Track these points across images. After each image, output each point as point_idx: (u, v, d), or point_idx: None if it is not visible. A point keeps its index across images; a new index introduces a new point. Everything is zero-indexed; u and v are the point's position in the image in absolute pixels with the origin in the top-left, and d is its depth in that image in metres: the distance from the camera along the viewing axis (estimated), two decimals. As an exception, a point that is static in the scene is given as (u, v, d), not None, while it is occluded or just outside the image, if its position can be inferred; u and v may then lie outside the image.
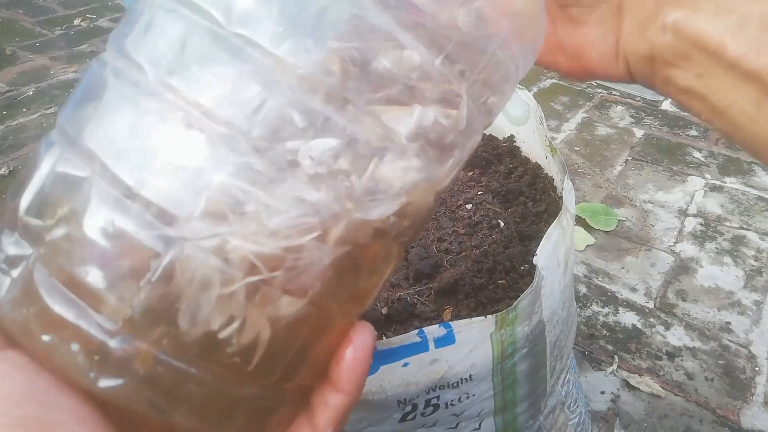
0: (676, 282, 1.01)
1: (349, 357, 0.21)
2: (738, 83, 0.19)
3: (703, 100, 0.20)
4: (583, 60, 0.24)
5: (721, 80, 0.19)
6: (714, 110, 0.20)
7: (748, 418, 0.79)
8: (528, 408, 0.49)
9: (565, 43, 0.24)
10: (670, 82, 0.21)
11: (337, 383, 0.21)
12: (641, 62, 0.22)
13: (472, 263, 0.52)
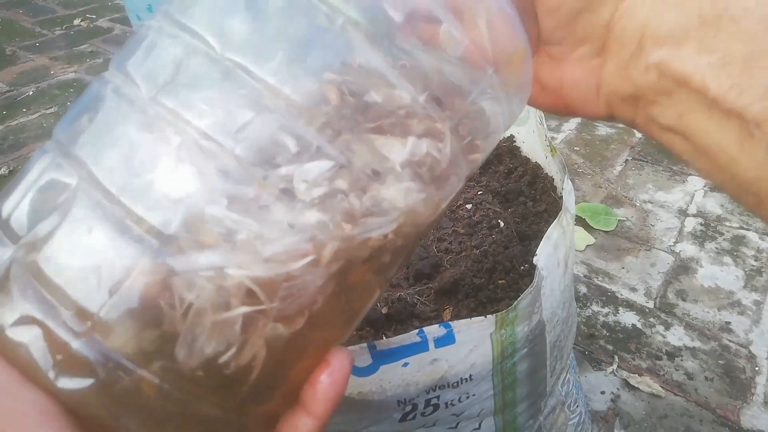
0: (676, 282, 1.01)
1: (325, 381, 0.21)
2: (720, 122, 0.19)
3: (684, 139, 0.20)
4: (563, 98, 0.24)
5: (703, 119, 0.19)
6: (696, 150, 0.20)
7: (748, 418, 0.79)
8: (528, 408, 0.49)
9: (546, 81, 0.24)
10: (652, 122, 0.21)
11: (310, 407, 0.21)
12: (624, 102, 0.22)
13: (472, 263, 0.52)
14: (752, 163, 0.18)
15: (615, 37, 0.21)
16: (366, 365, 0.37)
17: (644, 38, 0.20)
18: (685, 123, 0.20)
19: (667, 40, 0.19)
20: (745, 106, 0.18)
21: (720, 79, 0.18)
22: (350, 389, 0.38)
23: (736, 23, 0.18)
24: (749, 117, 0.18)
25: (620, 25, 0.21)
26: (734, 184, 0.20)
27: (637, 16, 0.20)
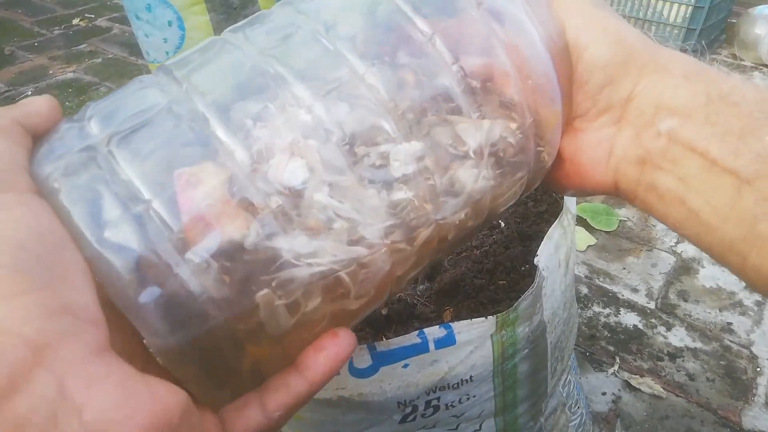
0: (678, 282, 1.00)
1: (331, 350, 0.22)
2: (716, 182, 0.22)
3: (681, 203, 0.23)
4: (574, 164, 0.27)
5: (701, 180, 0.22)
6: (689, 213, 0.23)
7: (749, 419, 0.79)
8: (529, 409, 0.49)
9: (563, 149, 0.28)
10: (652, 187, 0.24)
11: (307, 370, 0.22)
12: (631, 166, 0.25)
13: (473, 264, 0.51)
14: (739, 222, 0.21)
15: (633, 108, 0.25)
16: (366, 366, 0.37)
17: (658, 109, 0.24)
18: (683, 187, 0.23)
19: (678, 112, 0.23)
20: (740, 166, 0.21)
21: (721, 144, 0.22)
22: (350, 390, 0.38)
23: (736, 105, 0.22)
24: (743, 176, 0.21)
25: (639, 98, 0.24)
26: (721, 246, 0.22)
27: (654, 92, 0.24)
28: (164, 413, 0.17)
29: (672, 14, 1.63)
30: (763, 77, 1.73)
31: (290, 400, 0.22)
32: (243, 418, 0.21)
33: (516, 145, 0.24)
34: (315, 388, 0.22)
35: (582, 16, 0.26)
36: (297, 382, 0.22)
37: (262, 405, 0.22)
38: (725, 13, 1.82)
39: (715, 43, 1.87)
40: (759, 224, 0.21)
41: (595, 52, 0.25)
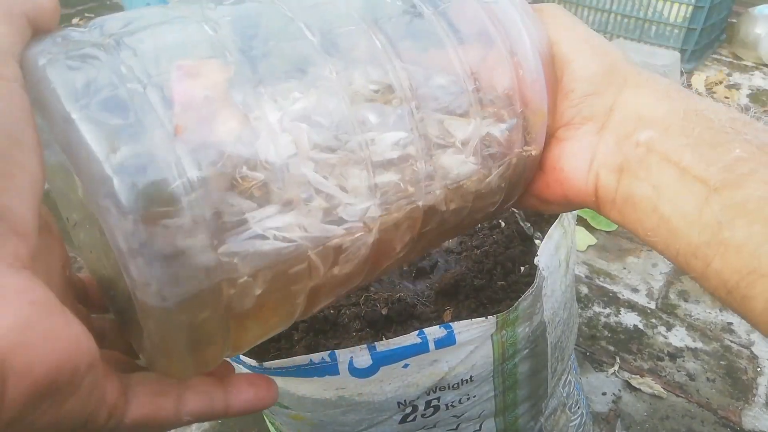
0: (678, 282, 1.00)
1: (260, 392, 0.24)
2: (686, 190, 0.23)
3: (653, 211, 0.24)
4: (556, 172, 0.28)
5: (673, 189, 0.24)
6: (660, 220, 0.24)
7: (749, 419, 0.79)
8: (529, 409, 0.49)
9: (545, 160, 0.29)
10: (629, 195, 0.25)
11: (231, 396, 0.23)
12: (611, 173, 0.26)
13: (473, 264, 0.51)
14: (705, 229, 0.23)
15: (615, 118, 0.26)
16: (366, 366, 0.37)
17: (638, 120, 0.25)
18: (656, 194, 0.24)
19: (656, 124, 0.25)
20: (710, 175, 0.23)
21: (693, 154, 0.23)
22: (350, 390, 0.38)
23: (710, 121, 0.24)
24: (711, 184, 0.22)
25: (620, 109, 0.26)
26: (686, 252, 0.24)
27: (635, 105, 0.26)
28: (73, 355, 0.15)
29: (672, 14, 1.63)
30: (763, 77, 1.72)
31: (204, 411, 0.22)
32: (152, 403, 0.20)
33: (503, 141, 0.26)
34: (227, 413, 0.23)
35: (568, 31, 0.28)
36: (218, 400, 0.22)
37: (178, 401, 0.21)
38: (726, 12, 1.82)
39: (715, 42, 1.87)
40: (723, 231, 0.22)
41: (582, 63, 0.27)
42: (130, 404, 0.19)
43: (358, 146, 0.22)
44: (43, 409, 0.15)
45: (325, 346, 0.45)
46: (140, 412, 0.20)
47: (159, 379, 0.21)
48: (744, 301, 0.22)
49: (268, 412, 0.49)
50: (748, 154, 0.23)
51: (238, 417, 0.77)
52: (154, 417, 0.20)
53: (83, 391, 0.16)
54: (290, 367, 0.37)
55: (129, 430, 0.20)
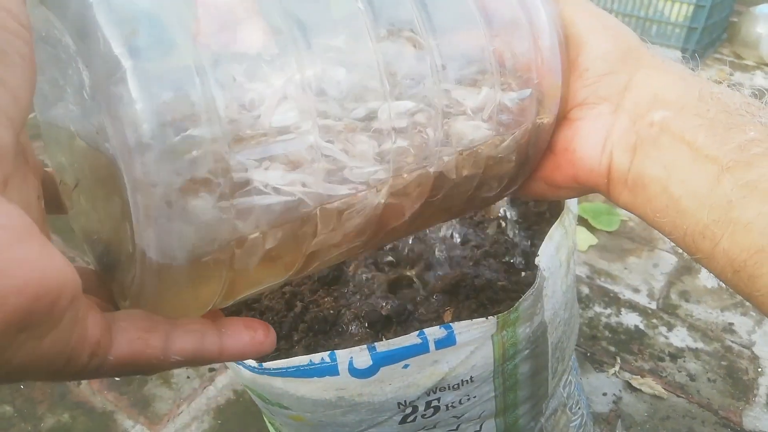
0: (679, 283, 1.00)
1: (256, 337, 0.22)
2: (699, 169, 0.23)
3: (663, 191, 0.24)
4: (568, 153, 0.28)
5: (685, 168, 0.24)
6: (669, 200, 0.24)
7: (750, 420, 0.79)
8: (529, 410, 0.49)
9: (556, 141, 0.28)
10: (640, 175, 0.25)
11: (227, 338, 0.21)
12: (624, 153, 0.26)
13: (474, 264, 0.51)
14: (715, 207, 0.23)
15: (630, 98, 0.26)
16: (366, 367, 0.37)
17: (654, 100, 0.25)
18: (667, 174, 0.24)
19: (671, 104, 0.25)
20: (722, 154, 0.23)
21: (707, 134, 0.23)
22: (350, 391, 0.38)
23: (725, 104, 0.24)
24: (723, 163, 0.23)
25: (636, 88, 0.26)
26: (694, 231, 0.24)
27: (650, 85, 0.26)
28: (53, 286, 0.14)
29: (674, 13, 1.63)
30: (765, 76, 1.72)
31: (195, 352, 0.20)
32: (138, 341, 0.19)
33: (516, 109, 0.26)
34: (221, 356, 0.21)
35: (585, 12, 0.28)
36: (211, 341, 0.21)
37: (166, 339, 0.20)
38: (727, 11, 1.82)
39: (716, 41, 1.87)
40: (733, 210, 0.22)
41: (597, 43, 0.27)
42: (114, 342, 0.18)
43: (364, 115, 0.22)
44: (19, 343, 0.14)
45: (324, 346, 0.45)
46: (125, 350, 0.18)
47: (146, 315, 0.20)
48: (751, 280, 0.22)
49: (267, 413, 0.49)
50: (762, 136, 0.23)
51: (234, 422, 0.77)
52: (140, 356, 0.19)
53: (64, 327, 0.15)
54: (290, 367, 0.37)
55: (113, 370, 0.18)
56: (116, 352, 0.18)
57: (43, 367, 0.15)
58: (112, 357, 0.18)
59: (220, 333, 0.21)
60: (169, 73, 0.17)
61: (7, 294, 0.13)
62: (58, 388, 0.82)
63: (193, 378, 0.84)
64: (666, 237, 0.26)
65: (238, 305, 0.47)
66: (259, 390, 0.41)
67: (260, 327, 0.22)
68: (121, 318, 0.19)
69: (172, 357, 0.20)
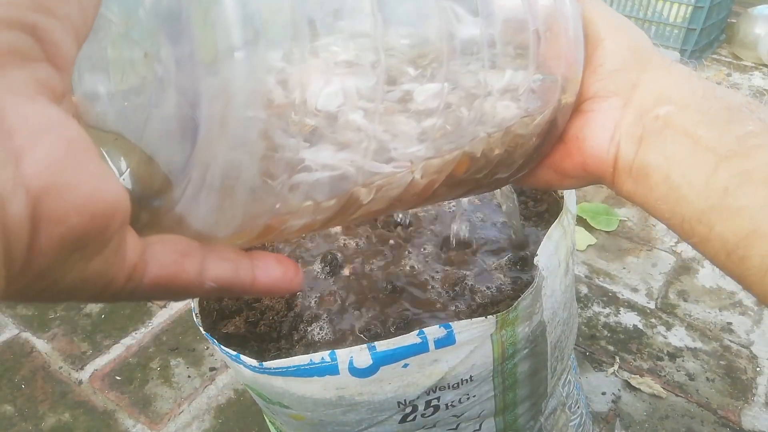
0: (678, 282, 1.01)
1: (287, 274, 0.22)
2: (698, 159, 0.25)
3: (665, 180, 0.26)
4: (579, 140, 0.29)
5: (685, 159, 0.25)
6: (670, 189, 0.26)
7: (749, 419, 0.79)
8: (529, 409, 0.49)
9: (567, 130, 0.30)
10: (644, 165, 0.27)
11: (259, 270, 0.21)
12: (631, 144, 0.27)
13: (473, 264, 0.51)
14: (711, 194, 0.24)
15: (638, 93, 0.28)
16: (366, 366, 0.37)
17: (660, 97, 0.27)
18: (668, 164, 0.26)
19: (676, 101, 0.27)
20: (720, 145, 0.24)
21: (708, 128, 0.25)
22: (350, 390, 0.38)
23: (727, 103, 0.26)
24: (721, 153, 0.24)
25: (644, 85, 0.28)
26: (691, 217, 0.25)
27: (657, 83, 0.28)
28: (111, 207, 0.14)
29: (672, 14, 1.63)
30: (763, 77, 1.73)
31: (228, 279, 0.20)
32: (173, 264, 0.19)
33: (540, 90, 0.28)
34: (253, 287, 0.21)
35: (604, 12, 0.30)
36: (244, 270, 0.21)
37: (201, 264, 0.19)
38: (725, 12, 1.82)
39: (715, 42, 1.87)
40: (728, 196, 0.24)
41: (614, 42, 0.29)
42: (149, 265, 0.18)
43: (400, 97, 0.23)
44: (71, 263, 0.14)
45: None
46: (160, 273, 0.18)
47: (181, 240, 0.20)
48: (742, 261, 0.24)
49: (268, 412, 0.49)
50: (759, 129, 0.24)
51: (235, 421, 0.78)
52: (175, 279, 0.19)
53: (111, 249, 0.15)
54: (290, 366, 0.37)
55: (147, 292, 0.18)
56: (151, 276, 0.18)
57: (85, 289, 0.15)
58: (147, 280, 0.18)
59: (253, 265, 0.21)
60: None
61: (68, 211, 0.13)
62: (59, 388, 0.82)
63: (193, 377, 0.84)
64: (664, 223, 0.27)
65: (239, 305, 0.47)
66: (260, 389, 0.41)
67: (291, 264, 0.22)
68: (157, 241, 0.19)
69: (207, 283, 0.20)
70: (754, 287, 0.24)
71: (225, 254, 0.21)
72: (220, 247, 0.21)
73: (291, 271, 0.22)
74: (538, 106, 0.28)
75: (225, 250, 0.21)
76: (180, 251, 0.19)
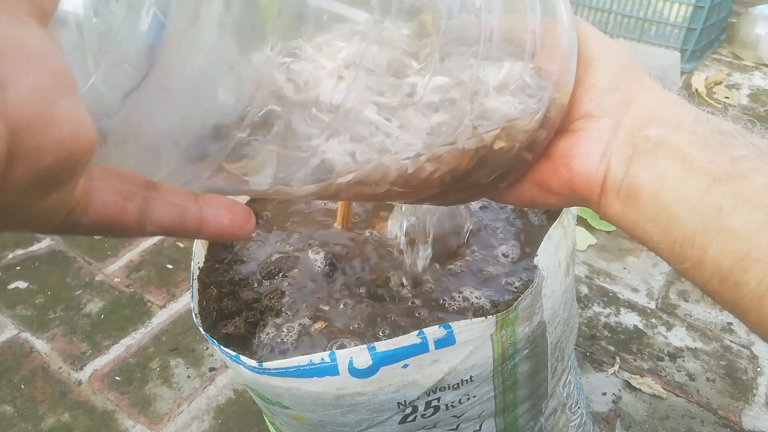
0: (678, 282, 1.00)
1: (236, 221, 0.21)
2: (691, 179, 0.24)
3: (655, 199, 0.25)
4: (567, 159, 0.29)
5: (678, 178, 0.25)
6: (660, 207, 0.25)
7: (749, 419, 0.79)
8: (529, 409, 0.49)
9: (554, 149, 0.30)
10: (634, 184, 0.26)
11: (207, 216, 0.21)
12: (621, 162, 0.27)
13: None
14: (704, 214, 0.24)
15: (631, 114, 0.28)
16: (366, 367, 0.37)
17: (652, 118, 0.27)
18: (660, 183, 0.25)
19: (669, 122, 0.26)
20: (714, 167, 0.24)
21: (701, 149, 0.25)
22: (350, 390, 0.38)
23: (719, 126, 0.26)
24: (715, 175, 0.24)
25: (637, 106, 0.28)
26: (683, 240, 0.24)
27: (650, 105, 0.27)
28: (86, 144, 0.13)
29: (672, 14, 1.63)
30: (763, 77, 1.72)
31: (173, 224, 0.20)
32: (114, 205, 0.18)
33: (533, 85, 0.27)
34: (200, 232, 0.21)
35: (597, 35, 0.30)
36: (191, 216, 0.20)
37: (144, 207, 0.19)
38: (726, 12, 1.82)
39: (715, 42, 1.87)
40: (722, 218, 0.23)
41: (606, 62, 0.29)
42: (90, 202, 0.17)
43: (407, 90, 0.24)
44: (32, 199, 0.14)
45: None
46: (101, 212, 0.18)
47: (124, 178, 0.19)
48: (736, 287, 0.23)
49: (268, 413, 0.49)
50: (753, 154, 0.24)
51: (235, 421, 0.77)
52: (116, 220, 0.18)
53: (71, 187, 0.15)
54: (290, 367, 0.37)
55: (87, 229, 0.18)
56: (91, 214, 0.17)
57: (31, 221, 0.15)
58: (87, 218, 0.17)
59: (202, 210, 0.20)
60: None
61: (47, 148, 0.12)
62: (59, 388, 0.82)
63: (193, 377, 0.84)
64: (651, 249, 0.27)
65: (239, 305, 0.47)
66: (260, 389, 0.41)
67: (241, 211, 0.22)
68: (100, 178, 0.18)
69: (149, 228, 0.19)
70: (750, 315, 0.23)
71: (172, 199, 0.20)
72: (167, 190, 0.20)
73: (240, 218, 0.22)
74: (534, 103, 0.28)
75: (173, 193, 0.20)
76: (123, 192, 0.18)
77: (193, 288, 0.46)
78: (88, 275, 1.00)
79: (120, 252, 1.05)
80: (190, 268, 0.48)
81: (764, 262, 0.22)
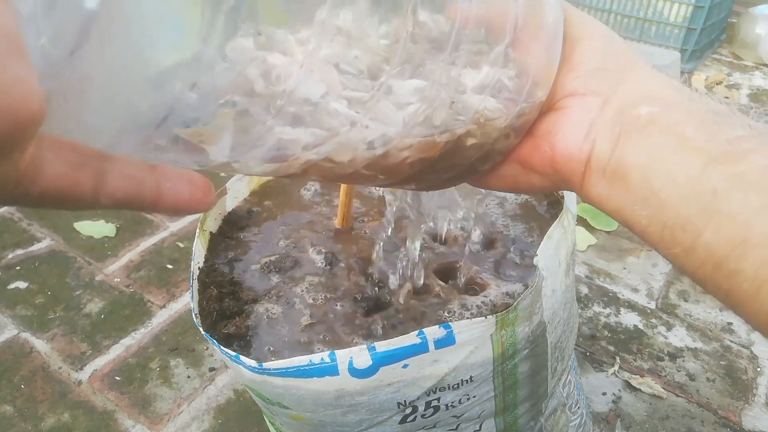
0: (678, 282, 1.00)
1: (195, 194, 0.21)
2: (685, 158, 0.23)
3: (644, 182, 0.24)
4: (549, 136, 0.27)
5: (670, 157, 0.23)
6: (650, 192, 0.24)
7: (749, 419, 0.79)
8: (529, 409, 0.49)
9: (537, 127, 0.28)
10: (620, 165, 0.25)
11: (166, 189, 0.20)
12: (608, 140, 0.25)
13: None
14: (698, 198, 0.22)
15: (620, 92, 0.26)
16: (366, 367, 0.37)
17: (644, 96, 0.25)
18: (650, 163, 0.24)
19: (662, 101, 0.25)
20: (711, 148, 0.23)
21: (696, 128, 0.23)
22: (350, 390, 0.38)
23: (713, 106, 0.24)
24: (712, 155, 0.22)
25: (628, 84, 0.26)
26: (674, 225, 0.23)
27: (642, 84, 0.26)
28: (36, 112, 0.13)
29: (672, 13, 1.63)
30: (763, 77, 1.72)
31: (128, 197, 0.19)
32: (66, 177, 0.17)
33: (513, 88, 0.27)
34: (157, 206, 0.20)
35: (584, 17, 0.29)
36: (148, 188, 0.19)
37: (97, 179, 0.18)
38: (726, 12, 1.82)
39: (715, 42, 1.87)
40: (718, 201, 0.22)
41: (593, 41, 0.28)
42: (40, 172, 0.16)
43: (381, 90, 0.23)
44: None
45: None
46: (52, 184, 0.17)
47: (75, 149, 0.18)
48: (731, 275, 0.21)
49: (268, 413, 0.49)
50: (750, 135, 0.22)
51: (235, 421, 0.77)
52: (68, 192, 0.17)
53: (18, 156, 0.14)
54: (290, 367, 0.37)
55: (38, 201, 0.17)
56: (41, 185, 0.17)
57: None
58: (37, 189, 0.17)
59: (158, 182, 0.20)
60: None
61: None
62: (59, 388, 0.82)
63: (193, 377, 0.84)
64: (637, 233, 0.25)
65: (239, 305, 0.47)
66: (260, 389, 0.41)
67: (201, 183, 0.21)
68: (50, 148, 0.17)
69: (103, 199, 0.18)
70: (745, 304, 0.21)
71: (127, 170, 0.19)
72: (123, 161, 0.19)
73: (200, 191, 0.21)
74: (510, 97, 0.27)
75: (128, 165, 0.19)
76: (74, 163, 0.18)
77: (193, 288, 0.46)
78: (88, 275, 1.00)
79: (120, 252, 1.05)
80: (190, 268, 0.48)
81: (763, 248, 0.20)
